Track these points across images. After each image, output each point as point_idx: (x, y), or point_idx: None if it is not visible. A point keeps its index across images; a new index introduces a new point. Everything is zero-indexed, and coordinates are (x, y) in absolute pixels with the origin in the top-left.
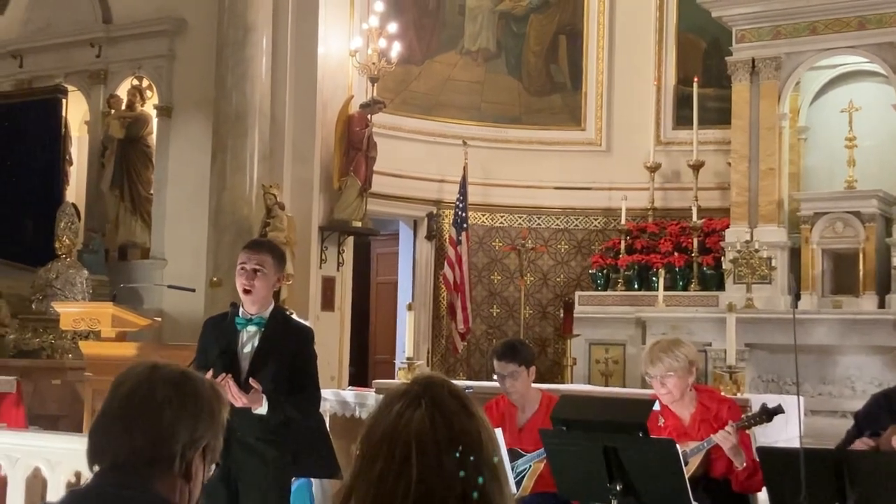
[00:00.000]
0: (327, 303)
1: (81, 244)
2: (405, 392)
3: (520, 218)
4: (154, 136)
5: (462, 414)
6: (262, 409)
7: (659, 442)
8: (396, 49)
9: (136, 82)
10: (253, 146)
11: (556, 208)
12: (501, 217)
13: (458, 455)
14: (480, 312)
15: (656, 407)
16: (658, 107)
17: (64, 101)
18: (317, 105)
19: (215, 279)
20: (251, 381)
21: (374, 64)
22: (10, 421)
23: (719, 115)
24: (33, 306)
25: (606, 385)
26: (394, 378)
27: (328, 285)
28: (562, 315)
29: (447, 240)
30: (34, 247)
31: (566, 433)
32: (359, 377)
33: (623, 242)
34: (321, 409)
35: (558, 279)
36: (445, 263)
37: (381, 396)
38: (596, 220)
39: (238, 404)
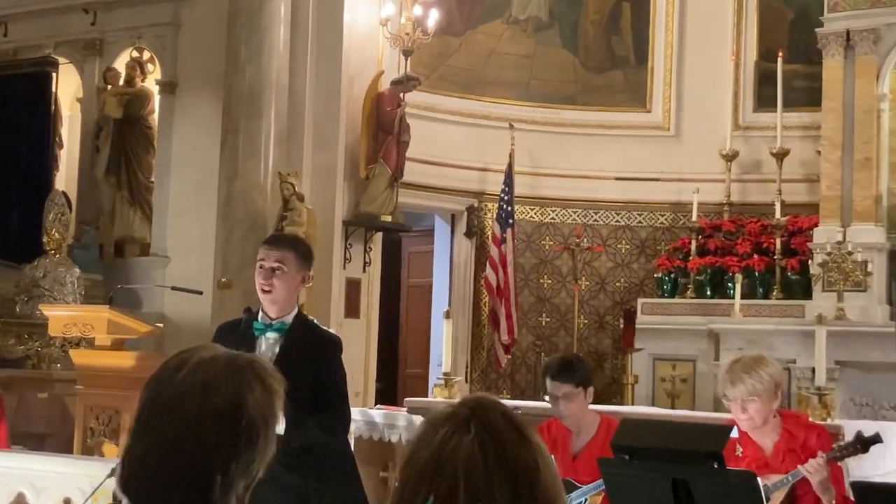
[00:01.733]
0: (352, 308)
1: (72, 238)
2: (452, 415)
3: (574, 213)
4: (156, 115)
5: (516, 440)
6: (279, 428)
7: (737, 474)
8: (434, 18)
9: (135, 54)
10: (268, 128)
11: (617, 202)
12: (552, 212)
13: (511, 487)
14: (527, 321)
15: (734, 434)
16: (736, 86)
17: (54, 74)
18: (342, 82)
19: (224, 280)
20: None
21: (407, 35)
22: None
23: (807, 95)
24: (17, 308)
25: (673, 407)
26: (427, 395)
27: (353, 288)
28: (621, 326)
29: (490, 237)
30: (19, 241)
31: (629, 462)
32: (387, 394)
33: (694, 242)
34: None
35: (618, 284)
36: (487, 264)
37: (414, 416)
38: (662, 216)
39: None
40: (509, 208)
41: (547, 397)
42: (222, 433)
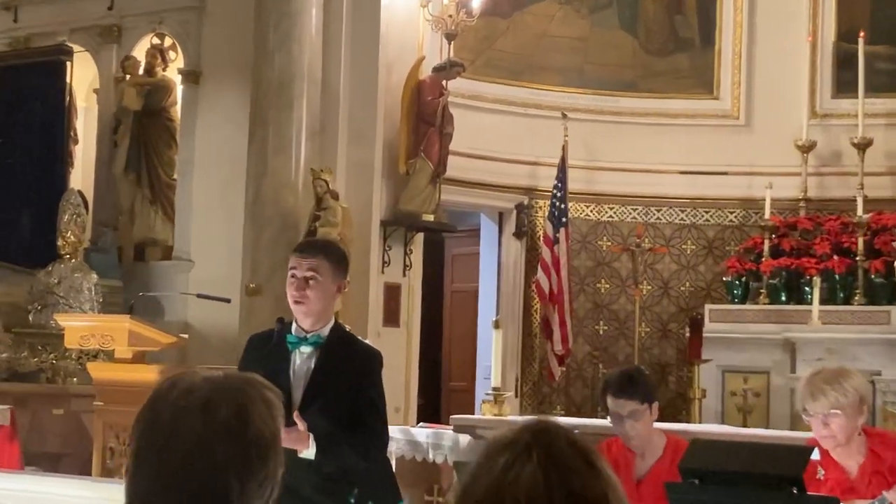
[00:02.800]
0: (391, 316)
1: (89, 241)
2: (512, 441)
3: (634, 210)
4: (178, 107)
5: (584, 470)
6: (309, 452)
7: (819, 500)
8: None
9: (156, 41)
10: (300, 120)
11: (681, 198)
12: (610, 209)
13: None
14: (583, 330)
15: (815, 456)
16: (813, 70)
17: (68, 64)
18: (379, 69)
19: (253, 285)
20: (295, 416)
21: (450, 17)
22: (2, 460)
23: (892, 79)
24: (30, 318)
25: (744, 424)
26: (474, 412)
27: (392, 294)
28: (687, 334)
29: (541, 238)
30: (31, 244)
31: (699, 487)
32: (429, 409)
33: (767, 242)
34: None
35: (683, 288)
36: (539, 267)
37: (461, 436)
38: (732, 213)
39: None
40: (563, 206)
41: (609, 417)
42: (231, 449)
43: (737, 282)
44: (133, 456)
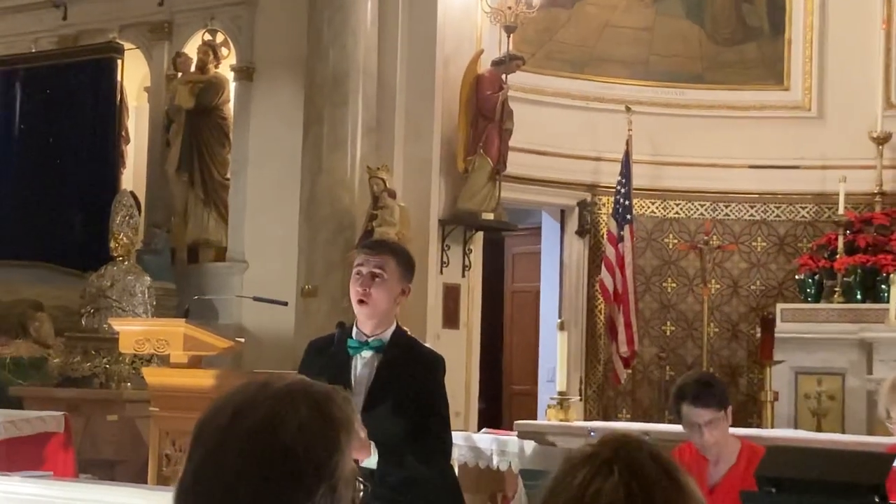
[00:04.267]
0: (450, 318)
1: (142, 243)
2: (591, 455)
3: (701, 207)
4: (231, 105)
5: (667, 485)
6: (371, 460)
7: None
8: None
9: (208, 37)
10: (355, 117)
11: (751, 193)
12: (677, 205)
13: None
14: (649, 331)
15: None
16: (888, 58)
17: (119, 61)
18: (436, 63)
19: (308, 287)
20: (357, 424)
21: (509, 9)
22: (56, 468)
23: None
24: (83, 322)
25: (819, 428)
26: (537, 417)
27: (451, 295)
28: (758, 335)
29: (605, 236)
30: (83, 247)
31: (776, 496)
32: (490, 414)
33: (841, 238)
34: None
35: (753, 287)
36: (603, 266)
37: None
38: (804, 208)
39: None
40: (627, 202)
41: (682, 424)
42: (245, 463)
43: (810, 280)
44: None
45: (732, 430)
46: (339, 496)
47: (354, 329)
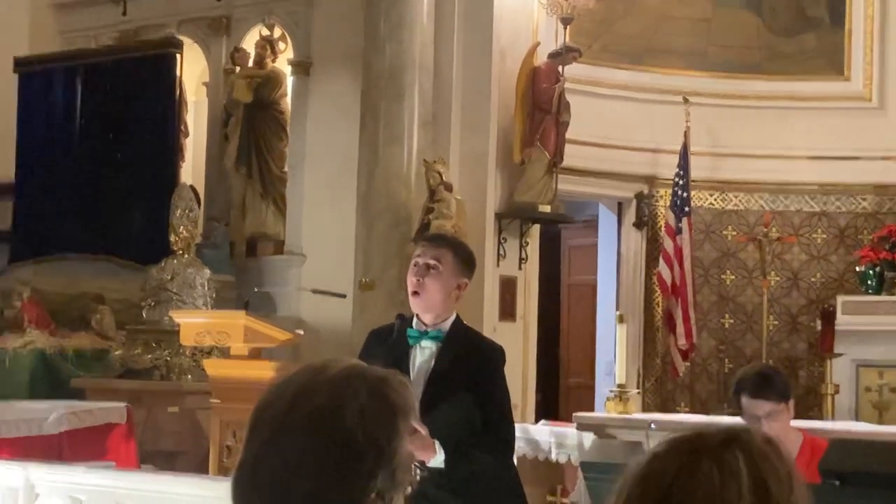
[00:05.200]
0: (507, 310)
1: (201, 236)
2: (700, 441)
3: (761, 199)
4: (288, 99)
5: (774, 470)
6: (438, 459)
7: None
8: None
9: (265, 32)
10: (412, 110)
11: (811, 185)
12: (735, 197)
13: None
14: (708, 323)
15: None
16: None
17: (178, 56)
18: (493, 55)
19: (365, 280)
20: (417, 426)
21: (566, 0)
22: (119, 458)
23: None
24: (144, 314)
25: (880, 420)
26: (594, 409)
27: (508, 288)
28: (818, 327)
29: (663, 228)
30: (143, 240)
31: (840, 490)
32: (547, 406)
33: None
34: None
35: (813, 279)
36: (661, 259)
37: (584, 434)
38: (865, 199)
39: None
40: (685, 194)
41: (742, 416)
42: (303, 443)
43: (871, 272)
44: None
45: (794, 423)
46: (398, 481)
47: (414, 320)
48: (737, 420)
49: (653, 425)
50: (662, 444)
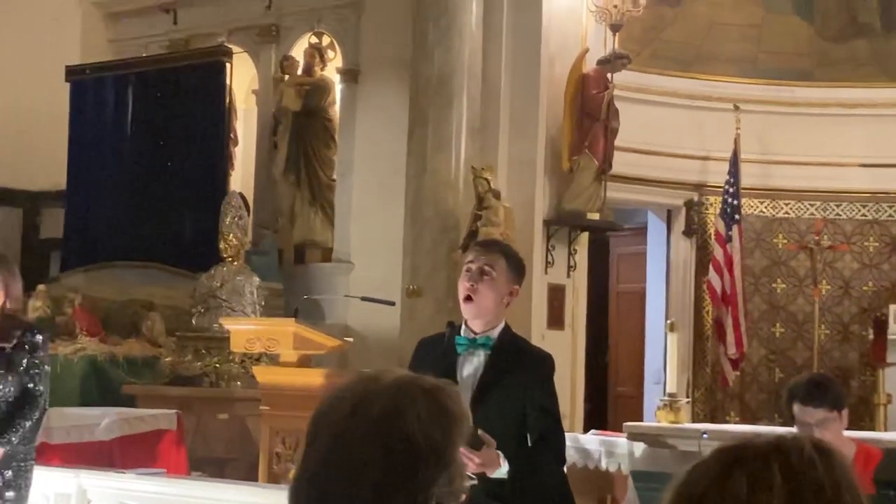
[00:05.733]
0: (555, 318)
1: (250, 244)
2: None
3: (812, 206)
4: (337, 107)
5: (817, 482)
6: (501, 471)
7: None
8: None
9: (315, 40)
10: (460, 117)
11: (863, 193)
12: (786, 205)
13: None
14: (758, 332)
15: None
16: None
17: (228, 65)
18: (541, 62)
19: (413, 287)
20: (480, 434)
21: (615, 7)
22: (169, 465)
23: None
24: (194, 321)
25: None
26: (643, 419)
27: (556, 295)
28: (870, 337)
29: (712, 236)
30: (193, 248)
31: (894, 500)
32: (595, 415)
33: None
34: None
35: (865, 288)
36: (710, 267)
37: (635, 444)
38: None
39: (471, 468)
40: (735, 202)
41: (794, 425)
42: (370, 450)
43: None
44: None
45: (847, 433)
46: (456, 487)
47: (463, 328)
48: (789, 430)
49: (705, 434)
50: (709, 454)
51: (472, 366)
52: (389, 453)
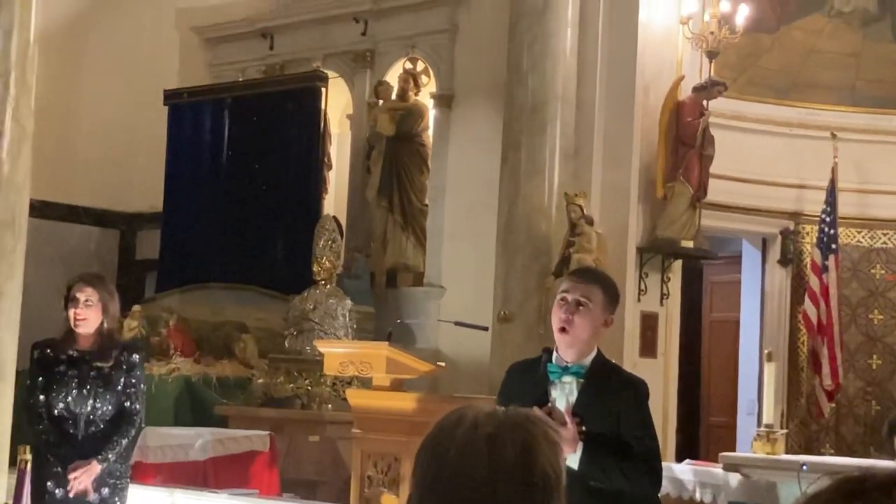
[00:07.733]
0: (647, 347)
1: (342, 267)
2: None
3: None
4: (430, 132)
5: None
6: (574, 457)
7: None
8: (743, 13)
9: (409, 65)
10: (553, 143)
11: None
12: (884, 235)
13: None
14: (855, 363)
15: None
16: None
17: (323, 89)
18: (636, 89)
19: (504, 313)
20: (565, 412)
21: (712, 34)
22: (262, 486)
23: None
24: (286, 343)
25: None
26: (735, 450)
27: (649, 323)
28: None
29: (808, 265)
30: (286, 270)
31: None
32: (688, 445)
33: None
34: None
35: None
36: (806, 297)
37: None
38: None
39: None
40: (832, 231)
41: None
42: (515, 490)
43: None
44: (416, 487)
45: None
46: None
47: (555, 355)
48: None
49: (805, 466)
50: (829, 484)
51: (563, 393)
52: (531, 489)
